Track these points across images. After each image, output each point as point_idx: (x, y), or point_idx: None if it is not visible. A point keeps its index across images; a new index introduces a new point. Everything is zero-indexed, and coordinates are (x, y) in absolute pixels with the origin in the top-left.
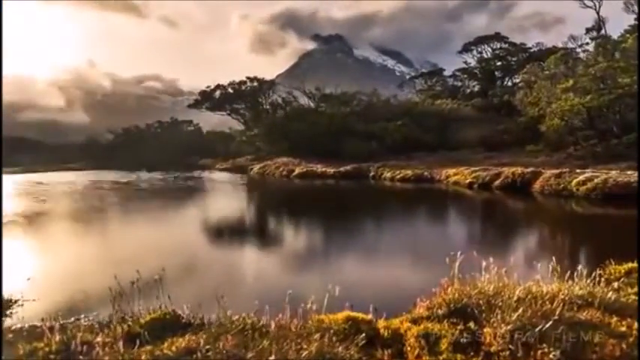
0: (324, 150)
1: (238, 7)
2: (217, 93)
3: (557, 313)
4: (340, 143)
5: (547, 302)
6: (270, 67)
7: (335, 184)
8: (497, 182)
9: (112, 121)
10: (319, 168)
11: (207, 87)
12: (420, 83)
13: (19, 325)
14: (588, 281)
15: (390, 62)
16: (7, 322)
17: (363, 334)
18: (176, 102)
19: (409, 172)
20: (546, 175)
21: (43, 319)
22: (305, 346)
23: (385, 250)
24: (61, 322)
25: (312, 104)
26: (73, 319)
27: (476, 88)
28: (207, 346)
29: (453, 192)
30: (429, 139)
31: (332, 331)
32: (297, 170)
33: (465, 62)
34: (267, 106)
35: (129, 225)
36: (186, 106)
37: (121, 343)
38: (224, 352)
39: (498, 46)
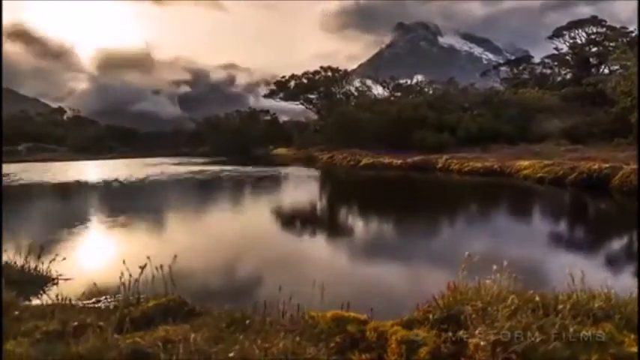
0: (394, 140)
1: None
2: (292, 83)
3: (558, 325)
4: (410, 133)
5: (552, 313)
6: (353, 56)
7: (398, 175)
8: (570, 177)
9: (194, 111)
10: (386, 159)
11: (283, 77)
12: (506, 71)
13: (36, 303)
14: (614, 291)
15: (476, 50)
16: (37, 299)
17: (338, 336)
18: (257, 91)
19: (478, 165)
20: (626, 171)
21: (58, 297)
22: (267, 345)
23: (413, 249)
24: (74, 302)
25: (386, 94)
26: (93, 299)
27: (568, 76)
28: (180, 338)
29: (521, 187)
30: (509, 130)
31: (316, 329)
32: (364, 161)
33: (556, 48)
34: (341, 96)
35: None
36: (262, 96)
37: (110, 329)
38: (193, 345)
39: (594, 31)
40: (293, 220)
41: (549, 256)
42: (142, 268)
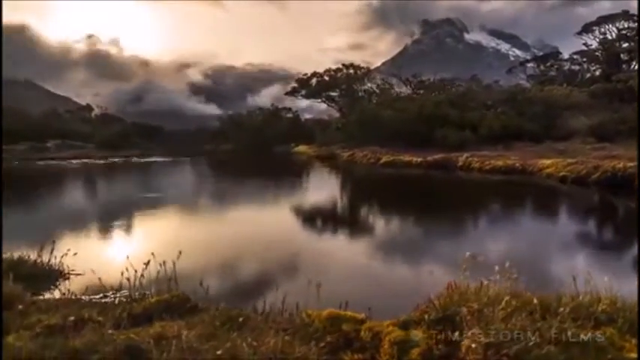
0: (414, 138)
1: None
2: (314, 81)
3: (555, 328)
4: (431, 131)
5: (552, 315)
6: (376, 53)
7: (418, 173)
8: (594, 176)
9: (218, 109)
10: (406, 157)
11: (304, 75)
12: (533, 68)
13: (43, 297)
14: (620, 294)
15: (504, 46)
16: (48, 293)
17: (331, 336)
18: (278, 89)
19: (499, 163)
20: None
21: (67, 292)
22: (257, 343)
23: (428, 247)
24: (80, 296)
25: (408, 91)
26: (100, 294)
27: (597, 73)
28: (174, 334)
29: (542, 186)
30: (534, 128)
31: (311, 328)
32: (384, 159)
33: (585, 44)
34: (362, 94)
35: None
36: (284, 93)
37: (108, 324)
38: (185, 341)
39: (625, 26)
40: (310, 216)
41: (563, 256)
42: (146, 264)
